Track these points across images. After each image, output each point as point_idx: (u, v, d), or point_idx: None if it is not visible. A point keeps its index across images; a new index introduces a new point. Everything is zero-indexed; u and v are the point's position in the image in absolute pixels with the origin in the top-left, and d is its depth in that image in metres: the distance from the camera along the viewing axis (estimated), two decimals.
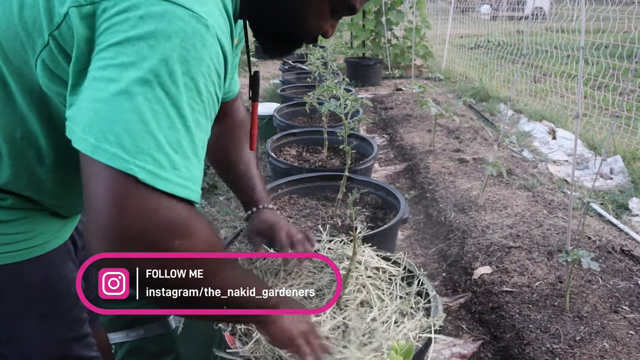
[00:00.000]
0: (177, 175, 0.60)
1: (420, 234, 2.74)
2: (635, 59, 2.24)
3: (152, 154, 0.58)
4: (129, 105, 0.57)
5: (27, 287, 0.84)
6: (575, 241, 2.25)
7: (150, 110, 0.58)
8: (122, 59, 0.58)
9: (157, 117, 0.58)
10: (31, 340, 0.87)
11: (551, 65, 5.03)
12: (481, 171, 3.12)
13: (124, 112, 0.57)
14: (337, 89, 2.15)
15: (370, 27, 6.60)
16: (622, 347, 1.63)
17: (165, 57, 0.58)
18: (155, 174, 0.58)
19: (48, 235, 0.86)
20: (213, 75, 0.64)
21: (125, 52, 0.58)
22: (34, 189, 0.80)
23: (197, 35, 0.61)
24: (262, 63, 8.65)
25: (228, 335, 1.18)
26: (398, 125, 4.49)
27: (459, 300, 2.11)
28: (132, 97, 0.57)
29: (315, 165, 2.76)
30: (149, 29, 0.58)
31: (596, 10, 4.09)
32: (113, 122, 0.57)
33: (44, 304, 0.87)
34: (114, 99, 0.57)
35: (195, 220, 0.64)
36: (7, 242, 0.80)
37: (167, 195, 0.59)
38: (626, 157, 3.51)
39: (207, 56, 0.62)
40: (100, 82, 0.59)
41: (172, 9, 0.60)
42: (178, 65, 0.59)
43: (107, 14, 0.61)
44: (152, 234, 0.59)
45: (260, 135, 4.31)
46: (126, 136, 0.56)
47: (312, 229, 1.97)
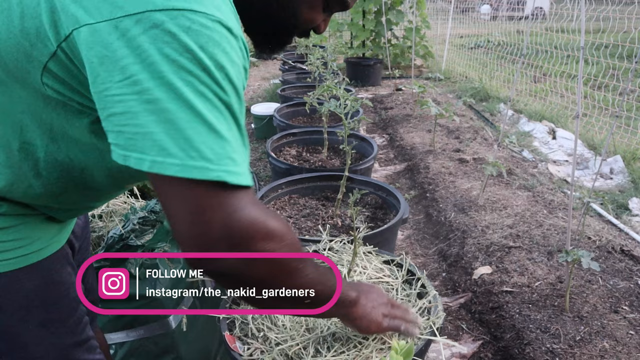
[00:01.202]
0: (247, 169, 0.65)
1: (420, 234, 2.74)
2: (635, 59, 2.24)
3: (231, 156, 0.62)
4: (195, 119, 0.59)
5: (26, 294, 0.83)
6: (575, 241, 2.25)
7: (214, 118, 0.61)
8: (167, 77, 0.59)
9: (221, 123, 0.61)
10: (33, 348, 0.86)
11: (551, 65, 5.03)
12: (481, 171, 3.12)
13: (193, 127, 0.59)
14: (337, 89, 2.15)
15: (370, 27, 6.60)
16: (622, 347, 1.63)
17: (206, 67, 0.60)
18: (239, 173, 0.62)
19: (45, 241, 0.85)
20: (242, 72, 0.67)
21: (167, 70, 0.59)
22: (30, 197, 0.79)
23: (224, 39, 0.63)
24: (262, 63, 8.65)
25: (228, 335, 1.18)
26: (398, 125, 4.49)
27: (459, 300, 2.11)
28: (195, 112, 0.59)
29: (315, 165, 2.76)
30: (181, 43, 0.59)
31: (596, 10, 4.09)
32: (188, 139, 0.59)
33: (44, 311, 0.86)
34: (178, 117, 0.59)
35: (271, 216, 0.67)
36: (4, 250, 0.79)
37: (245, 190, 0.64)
38: (626, 157, 3.51)
39: (235, 56, 0.64)
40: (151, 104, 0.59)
41: (196, 18, 0.60)
42: (219, 72, 0.61)
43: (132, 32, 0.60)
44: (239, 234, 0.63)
45: (260, 135, 4.32)
46: (205, 148, 0.59)
47: (312, 229, 1.97)
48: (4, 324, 0.82)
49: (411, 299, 1.32)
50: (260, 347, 1.14)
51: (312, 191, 2.32)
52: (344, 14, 9.34)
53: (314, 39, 7.14)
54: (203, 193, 0.60)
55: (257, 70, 8.15)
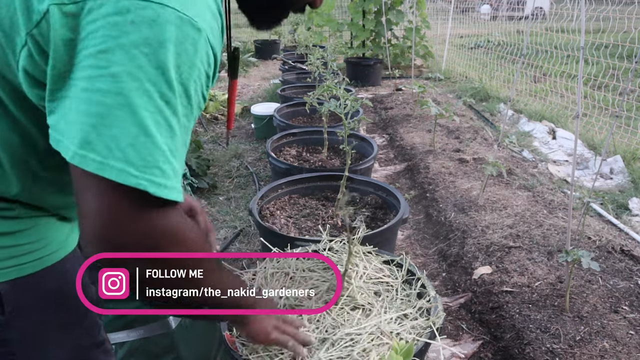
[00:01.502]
0: (177, 182, 0.61)
1: (420, 234, 2.74)
2: (635, 59, 2.23)
3: (159, 166, 0.58)
4: (130, 118, 0.56)
5: (43, 297, 0.81)
6: (575, 241, 2.25)
7: (154, 121, 0.57)
8: (115, 68, 0.55)
9: (160, 128, 0.58)
10: (52, 351, 0.85)
11: (551, 65, 5.03)
12: (481, 171, 3.12)
13: (126, 126, 0.56)
14: (337, 89, 2.15)
15: (370, 27, 6.60)
16: (622, 347, 1.63)
17: (161, 65, 0.57)
18: (164, 185, 0.59)
19: (59, 243, 0.83)
20: (203, 78, 0.63)
21: (118, 61, 0.55)
22: (42, 194, 0.79)
23: (189, 40, 0.59)
24: (262, 63, 8.66)
25: (228, 335, 1.18)
26: (398, 125, 4.49)
27: (459, 300, 2.11)
28: (133, 110, 0.56)
29: (315, 165, 2.76)
30: (141, 35, 0.56)
31: (596, 10, 4.09)
32: (116, 137, 0.56)
33: (62, 313, 0.85)
34: (113, 112, 0.55)
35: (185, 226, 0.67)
36: (21, 254, 0.77)
37: (168, 203, 0.61)
38: (626, 157, 3.51)
39: (199, 60, 0.61)
40: (93, 93, 0.56)
41: (163, 13, 0.57)
42: (174, 73, 0.58)
43: (93, 15, 0.57)
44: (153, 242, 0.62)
45: (260, 135, 4.32)
46: (132, 151, 0.56)
47: (312, 229, 1.97)
48: (23, 328, 0.80)
49: (411, 299, 1.32)
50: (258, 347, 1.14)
51: (312, 191, 2.32)
52: (344, 13, 9.34)
53: (314, 39, 7.14)
54: (120, 197, 0.57)
55: (257, 70, 8.16)
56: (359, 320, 1.22)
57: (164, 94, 0.58)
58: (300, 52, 6.00)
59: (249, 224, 2.80)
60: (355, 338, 1.13)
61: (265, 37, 9.86)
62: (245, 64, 8.16)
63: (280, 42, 9.25)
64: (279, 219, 2.05)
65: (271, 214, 2.09)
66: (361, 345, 1.10)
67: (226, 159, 3.87)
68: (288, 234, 1.91)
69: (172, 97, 0.58)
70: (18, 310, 0.78)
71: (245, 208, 3.00)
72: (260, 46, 9.19)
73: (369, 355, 1.08)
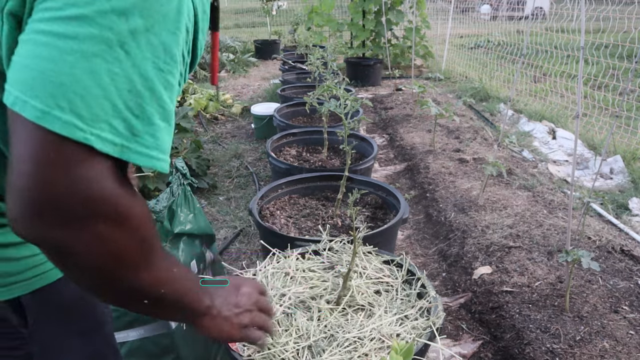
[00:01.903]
0: (138, 144, 0.54)
1: (420, 234, 2.74)
2: (635, 59, 2.23)
3: (109, 121, 0.51)
4: (83, 66, 0.49)
5: (64, 305, 0.80)
6: (575, 241, 2.25)
7: (108, 72, 0.50)
8: (73, 11, 0.49)
9: (115, 81, 0.51)
10: (72, 358, 0.84)
11: (551, 65, 5.03)
12: (481, 171, 3.12)
13: (77, 75, 0.49)
14: (337, 89, 2.15)
15: (370, 27, 6.60)
16: (622, 347, 1.63)
17: (125, 10, 0.50)
18: (112, 143, 0.52)
19: None
20: (182, 31, 0.56)
21: (77, 3, 0.49)
22: None
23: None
24: (262, 63, 8.66)
25: None
26: (398, 125, 4.49)
27: (459, 300, 2.11)
28: (87, 58, 0.49)
29: (315, 165, 2.76)
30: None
31: (596, 10, 4.09)
32: (65, 85, 0.49)
33: (82, 320, 0.84)
34: (66, 59, 0.49)
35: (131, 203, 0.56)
36: (40, 262, 0.74)
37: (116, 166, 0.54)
38: (626, 157, 3.51)
39: (175, 10, 0.54)
40: (48, 36, 0.49)
41: None
42: (140, 21, 0.51)
43: None
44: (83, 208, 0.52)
45: (260, 135, 4.32)
46: (80, 102, 0.49)
47: (312, 229, 1.97)
48: (46, 335, 0.79)
49: (411, 299, 1.32)
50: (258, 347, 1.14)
51: (312, 191, 2.32)
52: (344, 13, 9.34)
53: (314, 39, 7.14)
54: (58, 149, 0.50)
55: (257, 70, 8.16)
56: (359, 322, 1.22)
57: (124, 43, 0.51)
58: (300, 52, 6.00)
59: (249, 224, 2.80)
60: (356, 342, 1.13)
61: (265, 37, 9.86)
62: (245, 64, 8.15)
63: (280, 42, 9.26)
64: (279, 219, 2.05)
65: (271, 214, 2.09)
66: (362, 349, 1.10)
67: (226, 159, 3.87)
68: (288, 234, 1.91)
69: (135, 47, 0.52)
70: (40, 321, 0.76)
71: (245, 208, 3.00)
72: (260, 46, 9.19)
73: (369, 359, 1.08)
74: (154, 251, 0.62)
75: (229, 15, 16.37)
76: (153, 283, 0.62)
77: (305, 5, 7.93)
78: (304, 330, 1.17)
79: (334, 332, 1.16)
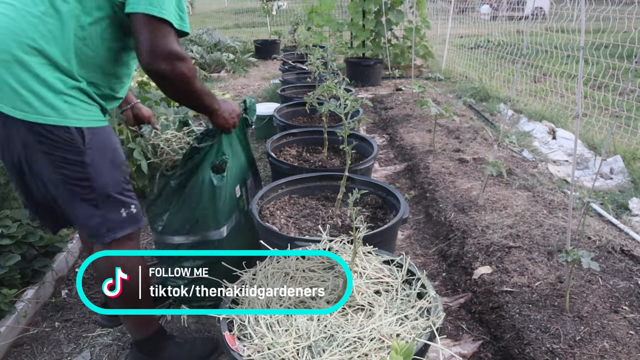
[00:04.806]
0: (183, 23, 1.33)
1: (420, 234, 2.74)
2: (635, 59, 2.24)
3: (174, 13, 1.29)
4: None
5: (103, 141, 1.37)
6: (575, 241, 2.25)
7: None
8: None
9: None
10: (104, 176, 1.37)
11: (551, 65, 5.03)
12: (481, 171, 3.12)
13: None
14: (337, 89, 2.15)
15: (370, 27, 6.60)
16: (622, 347, 1.63)
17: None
18: (177, 23, 1.30)
19: (105, 118, 1.42)
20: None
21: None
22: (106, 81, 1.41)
23: None
24: (262, 63, 8.66)
25: (228, 335, 1.18)
26: (398, 125, 4.49)
27: (459, 300, 2.11)
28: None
29: (315, 165, 2.76)
30: None
31: (596, 10, 4.09)
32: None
33: (112, 153, 1.40)
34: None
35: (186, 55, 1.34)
36: (94, 115, 1.36)
37: (180, 34, 1.34)
38: (626, 157, 3.51)
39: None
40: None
41: None
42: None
43: None
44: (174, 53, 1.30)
45: (260, 135, 4.32)
46: (165, 5, 1.26)
47: (312, 229, 1.97)
48: (92, 159, 1.33)
49: (411, 299, 1.32)
50: (258, 348, 1.14)
51: (312, 191, 2.32)
52: (344, 13, 9.34)
53: (314, 39, 7.14)
54: (157, 25, 1.26)
55: (257, 70, 8.16)
56: (359, 322, 1.22)
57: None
58: (300, 52, 6.00)
59: None
60: (356, 342, 1.13)
61: (265, 37, 9.86)
62: (245, 64, 8.15)
63: (280, 42, 9.26)
64: (279, 219, 2.05)
65: (271, 214, 2.09)
66: (362, 349, 1.10)
67: None
68: (288, 234, 1.91)
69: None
70: (91, 145, 1.33)
71: None
72: (260, 46, 9.19)
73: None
74: (197, 77, 1.41)
75: (229, 15, 16.36)
76: (198, 89, 1.45)
77: (305, 5, 7.93)
78: (304, 330, 1.17)
79: (334, 332, 1.16)
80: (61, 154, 1.29)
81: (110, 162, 1.39)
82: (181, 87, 1.36)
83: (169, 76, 1.30)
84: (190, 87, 1.38)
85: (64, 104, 1.27)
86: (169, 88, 1.37)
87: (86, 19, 1.27)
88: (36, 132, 1.25)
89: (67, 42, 1.25)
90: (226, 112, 1.69)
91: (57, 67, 1.25)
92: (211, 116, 1.66)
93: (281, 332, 1.17)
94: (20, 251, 2.08)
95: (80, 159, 1.32)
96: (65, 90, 1.28)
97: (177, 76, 1.31)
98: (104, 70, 1.38)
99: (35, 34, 1.21)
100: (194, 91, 1.42)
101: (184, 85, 1.36)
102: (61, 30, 1.24)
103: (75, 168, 1.32)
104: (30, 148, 1.29)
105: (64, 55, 1.25)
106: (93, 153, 1.33)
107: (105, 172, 1.37)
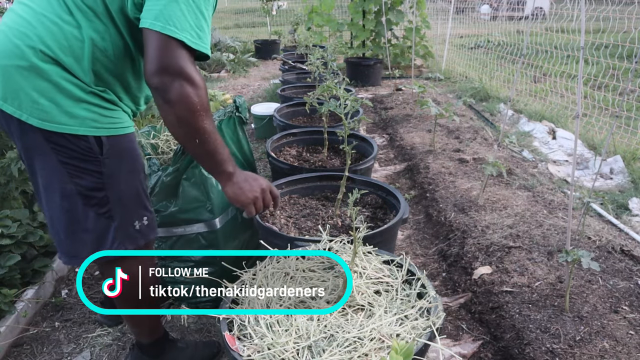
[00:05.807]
0: (201, 41, 1.18)
1: (420, 234, 2.74)
2: (635, 59, 2.24)
3: (189, 30, 1.15)
4: (177, 7, 1.13)
5: (122, 150, 1.31)
6: (575, 241, 2.25)
7: (188, 9, 1.14)
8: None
9: (190, 13, 1.15)
10: (123, 185, 1.33)
11: (551, 65, 5.03)
12: (481, 171, 3.12)
13: (174, 10, 1.12)
14: (337, 89, 2.15)
15: (370, 27, 6.60)
16: (622, 347, 1.63)
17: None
18: (191, 40, 1.15)
19: (129, 122, 1.35)
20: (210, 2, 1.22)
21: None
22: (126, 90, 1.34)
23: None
24: (262, 63, 8.66)
25: (228, 335, 1.18)
26: (398, 125, 4.49)
27: (459, 300, 2.11)
28: (178, 3, 1.13)
29: (315, 165, 2.76)
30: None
31: (596, 10, 4.09)
32: (170, 15, 1.12)
33: (131, 162, 1.35)
34: (169, 4, 1.12)
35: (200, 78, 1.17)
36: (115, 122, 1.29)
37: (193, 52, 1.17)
38: (626, 157, 3.51)
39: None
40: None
41: None
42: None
43: None
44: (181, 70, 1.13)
45: (260, 135, 4.32)
46: (177, 21, 1.13)
47: (312, 229, 1.97)
48: (111, 165, 1.29)
49: (411, 299, 1.32)
50: (258, 348, 1.14)
51: (312, 191, 2.32)
52: (344, 13, 9.34)
53: (314, 39, 7.14)
54: (168, 43, 1.12)
55: (257, 70, 8.16)
56: (359, 322, 1.22)
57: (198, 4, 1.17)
58: (300, 52, 6.00)
59: None
60: (356, 342, 1.13)
61: (265, 37, 9.86)
62: (245, 64, 8.15)
63: (280, 42, 9.26)
64: (279, 219, 2.05)
65: (271, 214, 2.09)
66: (362, 349, 1.10)
67: None
68: (288, 234, 1.91)
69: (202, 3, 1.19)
70: (109, 154, 1.27)
71: None
72: (260, 46, 9.19)
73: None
74: (209, 112, 1.21)
75: (229, 15, 16.36)
76: (205, 128, 1.19)
77: (305, 5, 7.93)
78: (304, 330, 1.17)
79: (334, 332, 1.16)
80: (77, 164, 1.24)
81: (128, 172, 1.33)
82: (184, 117, 1.15)
83: (171, 96, 1.12)
84: (195, 120, 1.16)
85: (84, 112, 1.22)
86: (170, 115, 1.15)
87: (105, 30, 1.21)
88: (54, 141, 1.21)
89: (85, 51, 1.19)
90: (246, 183, 1.34)
91: (75, 76, 1.20)
92: (221, 180, 1.33)
93: (281, 332, 1.17)
94: (20, 251, 2.08)
95: (98, 169, 1.26)
96: (85, 98, 1.22)
97: (181, 98, 1.12)
98: (123, 80, 1.31)
99: (53, 42, 1.15)
100: (200, 129, 1.18)
101: (189, 114, 1.15)
102: (80, 40, 1.18)
103: (90, 178, 1.26)
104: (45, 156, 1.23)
105: (80, 64, 1.20)
106: (111, 162, 1.28)
107: (122, 182, 1.32)
